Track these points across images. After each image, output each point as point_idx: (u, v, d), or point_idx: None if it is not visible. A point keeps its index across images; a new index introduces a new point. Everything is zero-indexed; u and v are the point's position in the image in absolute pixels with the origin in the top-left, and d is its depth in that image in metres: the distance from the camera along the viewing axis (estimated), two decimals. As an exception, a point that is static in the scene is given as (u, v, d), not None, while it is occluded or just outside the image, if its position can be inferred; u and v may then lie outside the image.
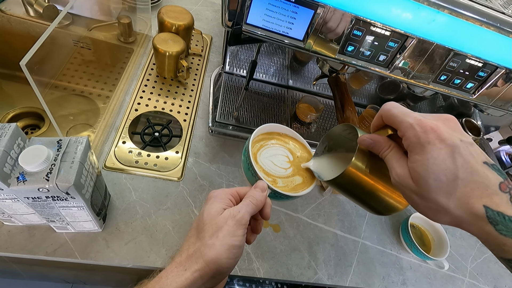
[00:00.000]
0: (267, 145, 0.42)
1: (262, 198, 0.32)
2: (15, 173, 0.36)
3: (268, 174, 0.39)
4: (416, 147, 0.26)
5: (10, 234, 0.49)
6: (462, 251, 0.74)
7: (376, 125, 0.31)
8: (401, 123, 0.27)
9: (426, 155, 0.25)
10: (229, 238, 0.28)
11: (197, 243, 0.29)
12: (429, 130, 0.25)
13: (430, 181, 0.25)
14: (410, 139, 0.26)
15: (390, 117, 0.28)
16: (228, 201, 0.32)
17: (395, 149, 0.29)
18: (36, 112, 0.82)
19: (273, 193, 0.36)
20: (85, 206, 0.42)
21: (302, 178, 0.41)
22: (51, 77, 0.57)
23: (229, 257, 0.28)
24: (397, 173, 0.27)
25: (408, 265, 0.68)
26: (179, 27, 0.75)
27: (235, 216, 0.30)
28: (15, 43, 0.78)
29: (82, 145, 0.39)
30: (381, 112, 0.29)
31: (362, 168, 0.31)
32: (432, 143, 0.25)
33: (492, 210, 0.24)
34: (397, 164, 0.28)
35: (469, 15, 0.44)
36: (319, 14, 0.44)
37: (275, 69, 0.82)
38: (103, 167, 0.60)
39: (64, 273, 0.90)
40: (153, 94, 0.75)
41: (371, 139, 0.30)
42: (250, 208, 0.31)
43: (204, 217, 0.30)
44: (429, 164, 0.25)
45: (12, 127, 0.37)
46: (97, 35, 0.74)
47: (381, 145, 0.30)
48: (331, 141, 0.41)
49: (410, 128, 0.26)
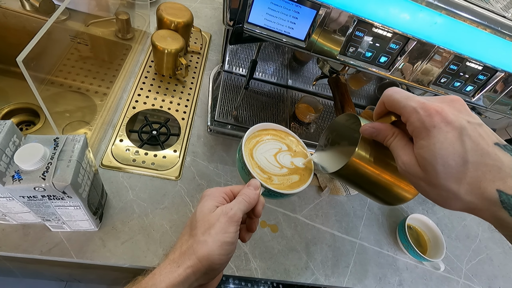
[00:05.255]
0: (263, 141, 0.41)
1: (255, 196, 0.33)
2: (10, 172, 0.35)
3: (263, 171, 0.38)
4: (421, 132, 0.24)
5: (4, 232, 0.48)
6: (457, 252, 0.75)
7: (378, 113, 0.30)
8: (403, 108, 0.26)
9: (432, 139, 0.23)
10: (221, 235, 0.29)
11: (190, 240, 0.30)
12: (434, 113, 0.24)
13: (438, 166, 0.23)
14: (414, 124, 0.25)
15: (392, 102, 0.27)
16: (221, 199, 0.32)
17: (400, 136, 0.27)
18: (31, 108, 0.81)
19: (267, 191, 0.36)
20: (81, 205, 0.41)
21: (299, 176, 0.40)
22: (47, 73, 0.55)
23: (221, 254, 0.28)
24: (403, 161, 0.26)
25: (404, 266, 0.68)
26: (178, 25, 0.74)
27: (227, 213, 0.30)
28: (10, 37, 0.77)
29: (79, 144, 0.39)
30: (383, 98, 0.28)
31: (366, 158, 0.30)
32: (438, 127, 0.23)
33: (506, 194, 0.22)
34: (402, 151, 0.26)
35: (470, 17, 0.44)
36: (322, 15, 0.43)
37: (274, 69, 0.82)
38: (100, 165, 0.59)
39: (58, 271, 0.89)
40: (151, 91, 0.74)
41: (373, 127, 0.29)
42: (243, 205, 0.31)
43: (197, 214, 0.31)
44: (436, 149, 0.23)
45: (7, 124, 0.36)
46: (95, 31, 0.73)
47: (384, 133, 0.28)
48: (333, 133, 0.40)
49: (413, 112, 0.25)
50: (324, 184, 0.72)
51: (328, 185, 0.72)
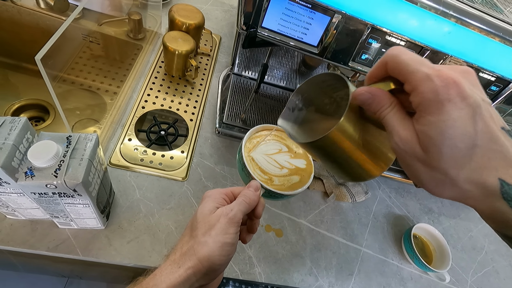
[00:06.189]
0: (264, 141, 0.41)
1: (255, 197, 0.33)
2: (23, 168, 0.36)
3: (264, 172, 0.38)
4: (431, 105, 0.20)
5: (12, 227, 0.49)
6: (463, 263, 0.74)
7: (374, 75, 0.25)
8: (412, 73, 0.21)
9: (444, 115, 0.20)
10: (222, 236, 0.29)
11: (190, 241, 0.30)
12: (451, 84, 0.20)
13: (444, 148, 0.20)
14: (424, 94, 0.20)
15: (398, 64, 0.22)
16: (221, 200, 0.32)
17: (398, 107, 0.23)
18: (41, 104, 0.82)
19: (267, 192, 0.36)
20: (90, 203, 0.42)
21: (299, 176, 0.40)
22: (60, 70, 0.56)
23: (221, 254, 0.28)
24: (401, 137, 0.22)
25: (409, 275, 0.68)
26: (190, 26, 0.74)
27: (228, 214, 0.30)
28: (24, 34, 0.78)
29: (91, 142, 0.39)
30: (386, 57, 0.23)
31: (350, 130, 0.25)
32: (453, 101, 0.20)
33: (508, 184, 0.20)
34: (400, 126, 0.22)
35: (484, 28, 0.44)
36: (335, 22, 0.43)
37: (283, 73, 0.82)
38: (108, 164, 0.60)
39: (61, 267, 0.89)
40: (161, 92, 0.74)
41: (369, 92, 0.24)
42: (243, 206, 0.31)
43: (197, 215, 0.31)
44: (446, 128, 0.20)
45: (22, 121, 0.36)
46: (107, 30, 0.74)
47: (381, 102, 0.23)
48: (306, 94, 0.33)
49: (426, 80, 0.20)
50: (330, 190, 0.72)
51: (334, 191, 0.72)
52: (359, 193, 0.74)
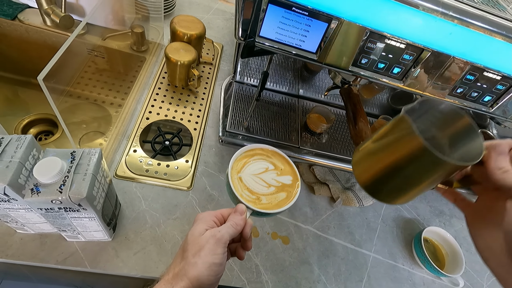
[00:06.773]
0: (250, 162, 0.43)
1: (241, 222, 0.35)
2: (30, 185, 0.36)
3: (252, 192, 0.40)
4: None
5: (22, 241, 0.50)
6: (477, 267, 0.72)
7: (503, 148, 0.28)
8: None
9: None
10: (210, 256, 0.31)
11: (182, 262, 0.32)
12: None
13: None
14: None
15: None
16: (211, 223, 0.35)
17: None
18: (50, 119, 0.84)
19: (255, 212, 0.38)
20: (96, 217, 0.42)
21: (286, 193, 0.41)
22: (66, 85, 0.58)
23: (210, 275, 0.30)
24: None
25: (421, 281, 0.66)
26: (191, 37, 0.75)
27: (215, 235, 0.32)
28: (32, 51, 0.80)
29: (95, 157, 0.40)
30: None
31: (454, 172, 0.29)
32: None
33: None
34: None
35: (487, 27, 0.43)
36: (333, 28, 0.43)
37: (285, 79, 0.82)
38: (114, 176, 0.61)
39: (73, 277, 0.90)
40: (164, 102, 0.75)
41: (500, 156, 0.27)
42: (231, 230, 0.34)
43: (188, 238, 0.33)
44: None
45: (27, 138, 0.37)
46: (111, 44, 0.75)
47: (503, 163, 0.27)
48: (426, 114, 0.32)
49: None
50: (336, 195, 0.71)
51: (340, 196, 0.71)
52: (366, 197, 0.73)
